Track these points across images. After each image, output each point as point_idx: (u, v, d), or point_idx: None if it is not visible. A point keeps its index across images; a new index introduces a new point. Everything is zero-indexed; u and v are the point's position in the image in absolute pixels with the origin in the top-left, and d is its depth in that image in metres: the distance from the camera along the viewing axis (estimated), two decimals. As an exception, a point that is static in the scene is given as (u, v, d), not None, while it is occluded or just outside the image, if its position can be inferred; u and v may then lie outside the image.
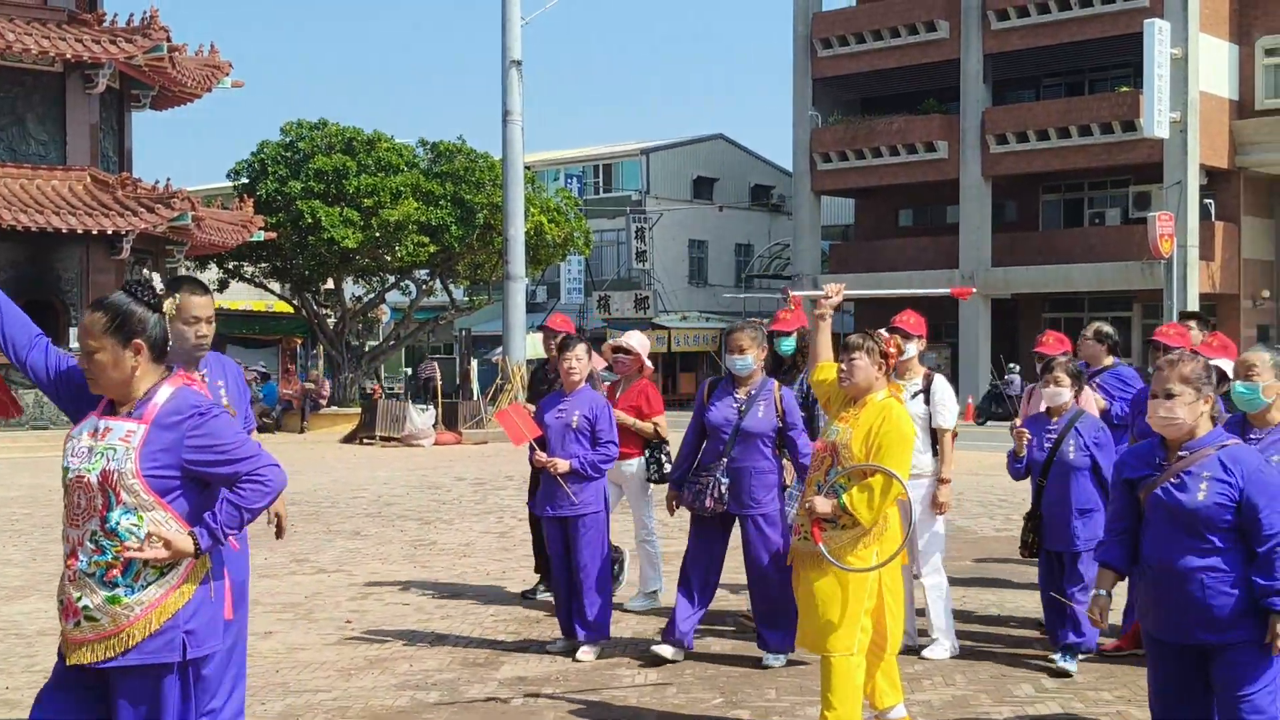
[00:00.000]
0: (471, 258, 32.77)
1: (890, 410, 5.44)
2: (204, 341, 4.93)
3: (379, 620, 8.27)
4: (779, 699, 6.34)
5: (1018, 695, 6.38)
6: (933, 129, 36.60)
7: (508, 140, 15.99)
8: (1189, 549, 4.21)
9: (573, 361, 7.28)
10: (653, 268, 44.80)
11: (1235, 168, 34.28)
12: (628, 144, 50.19)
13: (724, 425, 6.87)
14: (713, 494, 6.82)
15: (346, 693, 6.53)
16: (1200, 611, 4.19)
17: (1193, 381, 4.28)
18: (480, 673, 6.88)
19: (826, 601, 5.32)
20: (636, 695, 6.43)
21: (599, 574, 7.20)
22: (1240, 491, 4.15)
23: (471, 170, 31.40)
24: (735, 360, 6.91)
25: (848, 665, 5.30)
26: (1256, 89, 34.26)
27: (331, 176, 30.52)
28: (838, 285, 6.02)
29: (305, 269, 31.78)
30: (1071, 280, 34.73)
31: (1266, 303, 35.40)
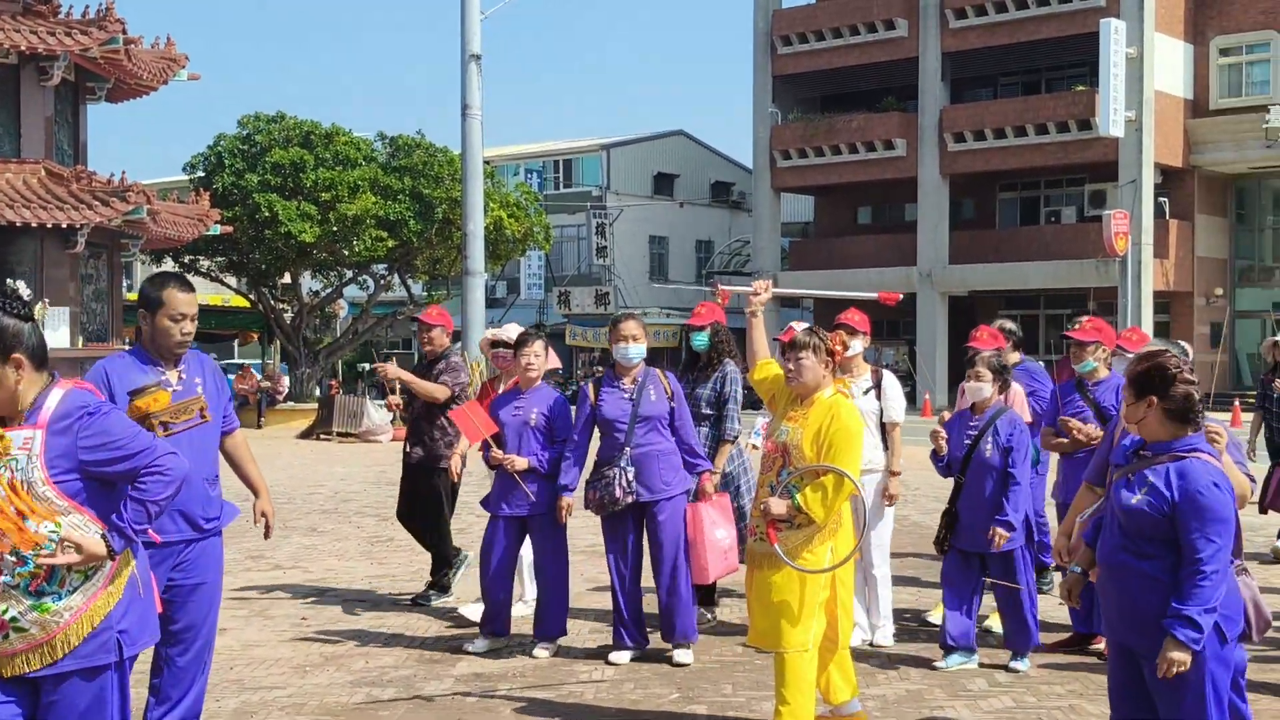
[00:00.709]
0: (430, 253, 32.63)
1: (839, 408, 5.46)
2: (187, 339, 4.93)
3: (335, 617, 8.24)
4: (735, 694, 6.37)
5: (971, 690, 6.44)
6: (891, 127, 36.80)
7: (467, 135, 15.92)
8: (1125, 549, 4.17)
9: (530, 358, 7.22)
10: (613, 264, 44.81)
11: (1189, 166, 34.67)
12: (588, 139, 50.14)
13: (620, 416, 6.83)
14: (621, 484, 6.75)
15: (302, 689, 6.50)
16: (1129, 612, 4.16)
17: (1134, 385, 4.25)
18: (437, 669, 6.88)
19: (782, 599, 5.35)
20: (594, 691, 6.44)
21: (561, 572, 7.19)
22: (1172, 506, 4.04)
23: (430, 165, 31.25)
24: (625, 349, 6.86)
25: (802, 661, 5.33)
26: (1211, 88, 34.65)
27: (289, 170, 30.30)
28: (765, 281, 6.02)
29: (262, 263, 31.54)
30: (1027, 278, 35.01)
31: (1219, 300, 35.82)
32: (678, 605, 6.88)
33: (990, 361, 6.89)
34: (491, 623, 7.26)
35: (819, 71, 38.59)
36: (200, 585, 4.99)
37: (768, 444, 5.59)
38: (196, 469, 4.88)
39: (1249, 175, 35.74)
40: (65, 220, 23.77)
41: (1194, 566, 3.99)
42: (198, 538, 4.97)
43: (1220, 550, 4.02)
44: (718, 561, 6.91)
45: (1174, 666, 3.99)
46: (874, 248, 38.32)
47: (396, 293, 36.80)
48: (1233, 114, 33.93)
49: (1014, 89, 38.16)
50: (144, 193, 24.75)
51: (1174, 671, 3.99)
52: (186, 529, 4.92)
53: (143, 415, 4.62)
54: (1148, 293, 32.36)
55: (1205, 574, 3.98)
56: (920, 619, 7.91)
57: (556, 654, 7.14)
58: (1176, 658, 3.98)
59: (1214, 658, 4.05)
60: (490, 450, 7.17)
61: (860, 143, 37.20)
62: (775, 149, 38.80)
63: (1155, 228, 33.09)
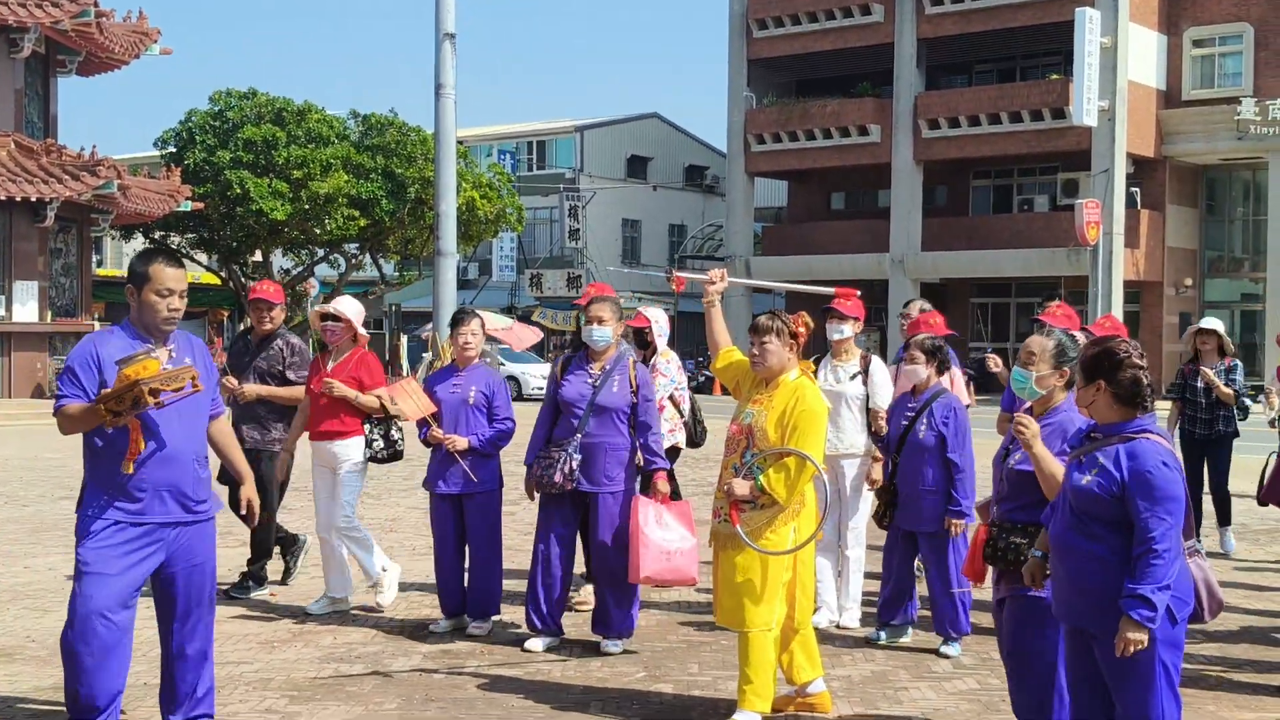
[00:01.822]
0: (402, 232, 32.56)
1: (803, 390, 5.50)
2: (175, 315, 4.87)
3: (303, 593, 8.23)
4: (701, 673, 6.42)
5: (936, 671, 6.51)
6: (866, 112, 36.87)
7: (440, 114, 15.86)
8: (1076, 529, 4.21)
9: (468, 336, 7.19)
10: (586, 246, 44.78)
11: (1161, 157, 34.88)
12: (562, 121, 50.03)
13: (578, 401, 6.73)
14: (563, 469, 6.63)
15: (269, 664, 6.52)
16: (1078, 593, 4.22)
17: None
18: (404, 646, 6.90)
19: (745, 579, 5.40)
20: (560, 669, 6.48)
21: (493, 552, 7.18)
22: (1122, 486, 4.10)
23: (403, 144, 31.18)
24: (593, 331, 6.76)
25: (765, 640, 5.40)
26: (1184, 79, 34.85)
27: (261, 147, 30.16)
28: (720, 270, 5.98)
29: (233, 241, 31.42)
30: (999, 266, 35.18)
31: (1189, 291, 36.10)
32: (611, 598, 6.75)
33: (924, 344, 6.95)
34: (446, 602, 7.27)
35: (794, 56, 38.61)
36: (197, 567, 4.94)
37: (732, 426, 5.61)
38: (186, 445, 4.86)
39: (1220, 166, 36.01)
40: (35, 194, 23.59)
41: (1146, 546, 4.04)
42: (189, 521, 4.87)
43: (1171, 529, 4.06)
44: (655, 561, 6.49)
45: (1130, 646, 4.03)
46: (847, 233, 38.43)
47: (368, 272, 36.73)
48: (1205, 105, 34.15)
49: (989, 76, 38.29)
50: (115, 167, 24.59)
51: (1131, 650, 4.03)
52: (177, 510, 4.83)
53: (131, 384, 4.52)
54: (1118, 282, 32.57)
55: (1157, 552, 4.02)
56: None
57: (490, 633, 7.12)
58: (1133, 637, 4.03)
59: (1164, 639, 4.10)
60: (429, 429, 7.11)
61: (835, 128, 37.27)
62: (750, 133, 38.82)
63: (1126, 217, 33.31)
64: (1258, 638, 7.32)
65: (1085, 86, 30.88)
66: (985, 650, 6.86)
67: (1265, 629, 7.53)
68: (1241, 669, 6.64)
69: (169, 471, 4.79)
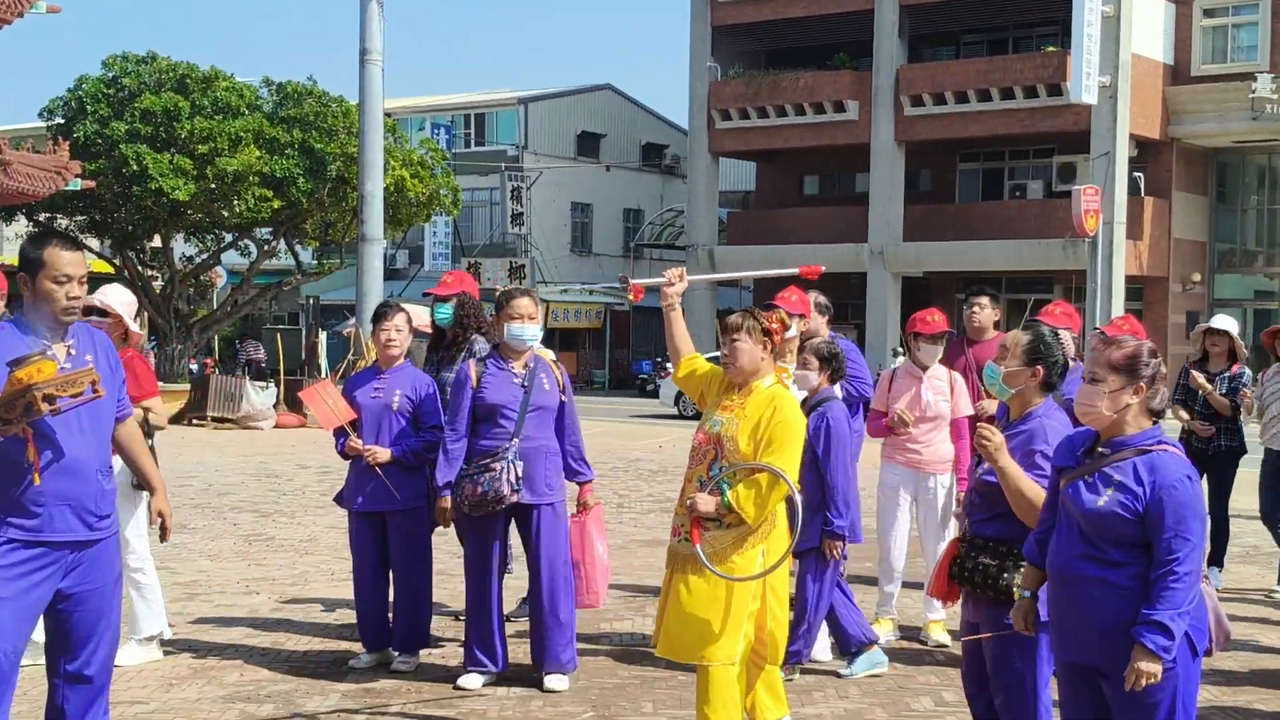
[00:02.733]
0: (321, 215, 32.35)
1: (781, 400, 5.49)
2: (75, 304, 4.83)
3: (206, 624, 8.18)
4: (655, 713, 6.43)
5: (915, 709, 6.55)
6: (842, 87, 37.03)
7: (365, 83, 15.81)
8: (1085, 556, 4.20)
9: (392, 333, 7.13)
10: (530, 233, 44.70)
11: (1168, 138, 35.22)
12: (503, 92, 49.91)
13: (509, 403, 6.67)
14: (509, 479, 6.55)
15: (167, 704, 6.46)
16: (1090, 628, 4.19)
17: (1121, 368, 4.25)
18: (320, 684, 6.86)
19: (706, 606, 5.37)
20: (497, 709, 6.46)
21: (421, 577, 7.15)
22: (1146, 506, 4.10)
23: (323, 116, 30.97)
24: (520, 329, 6.73)
25: (727, 675, 5.37)
26: (1193, 52, 35.20)
27: (161, 118, 29.88)
28: (679, 270, 5.97)
29: (129, 224, 31.10)
30: (988, 258, 35.39)
31: (1196, 287, 36.43)
32: (556, 628, 6.73)
33: (819, 349, 7.07)
34: (367, 634, 7.23)
35: (763, 23, 38.73)
36: (98, 590, 4.89)
37: (699, 435, 5.60)
38: (89, 454, 4.81)
39: (1232, 150, 36.43)
40: (-100, 169, 23.28)
41: (1168, 568, 4.03)
42: (92, 539, 4.83)
43: (1195, 550, 4.07)
44: (605, 580, 6.83)
45: (1144, 678, 4.02)
46: (821, 221, 38.59)
47: (282, 260, 36.45)
48: (1216, 81, 34.51)
49: (978, 48, 38.54)
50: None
51: (1144, 684, 4.03)
52: (79, 528, 4.78)
53: (24, 389, 4.47)
54: (1119, 277, 32.86)
55: (1179, 575, 4.03)
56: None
57: (417, 669, 7.11)
58: (1146, 669, 4.02)
59: (1184, 675, 4.13)
60: (346, 438, 7.04)
61: (808, 104, 37.41)
62: (714, 108, 38.91)
63: (1129, 206, 33.62)
64: (1268, 679, 7.40)
65: (1084, 60, 31.13)
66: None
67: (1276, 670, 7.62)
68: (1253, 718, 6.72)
69: (69, 484, 4.74)
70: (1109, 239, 32.46)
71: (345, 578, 9.55)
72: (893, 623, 8.01)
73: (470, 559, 6.93)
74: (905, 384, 7.93)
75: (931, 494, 7.90)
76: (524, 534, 6.84)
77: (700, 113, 39.37)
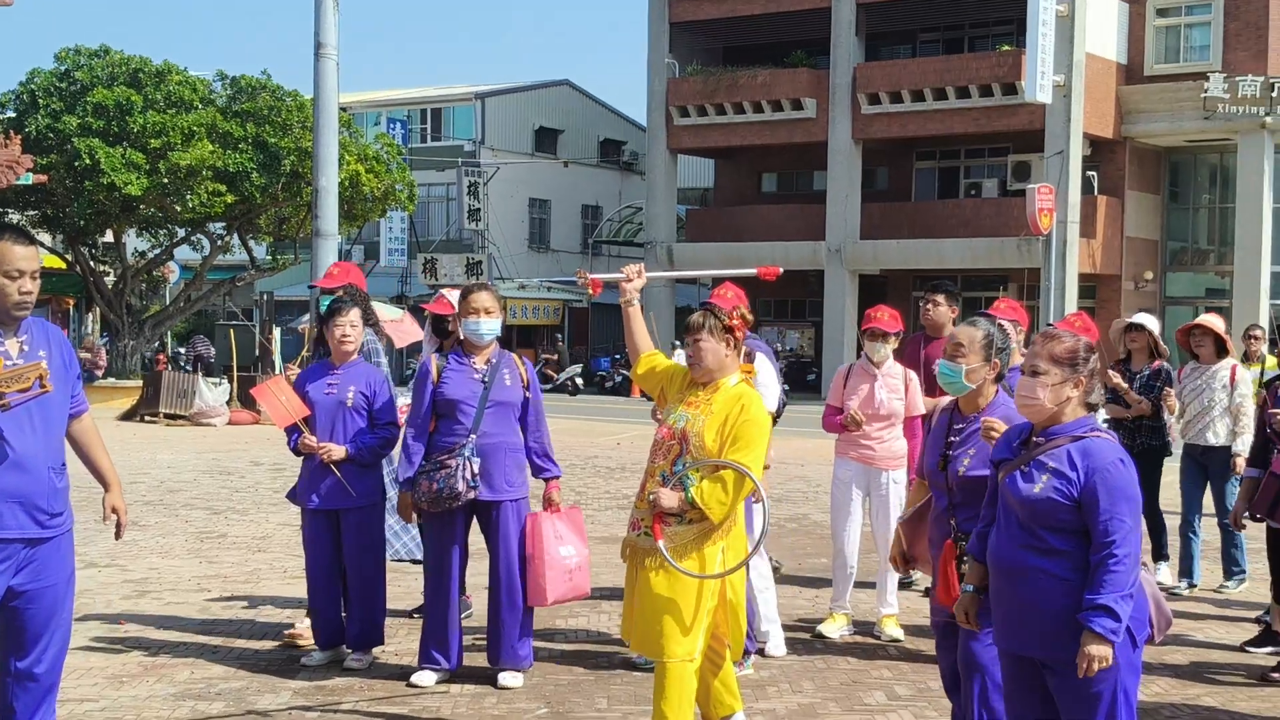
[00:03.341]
0: (275, 210, 32.18)
1: (749, 399, 5.50)
2: (27, 299, 4.80)
3: (157, 621, 8.14)
4: (610, 708, 6.43)
5: (869, 704, 6.58)
6: (800, 84, 37.14)
7: (320, 77, 15.67)
8: (1025, 546, 4.24)
9: (346, 329, 7.10)
10: (487, 229, 44.58)
11: (1121, 138, 35.51)
12: (460, 87, 49.73)
13: (468, 399, 6.67)
14: (464, 476, 6.55)
15: (117, 702, 6.43)
16: (1032, 619, 4.23)
17: (1063, 362, 4.32)
18: (272, 681, 6.83)
19: (668, 602, 5.37)
20: (451, 706, 6.45)
21: (374, 575, 7.13)
22: (1081, 490, 4.16)
23: (277, 110, 30.79)
24: (477, 324, 6.73)
25: (685, 672, 5.38)
26: (1146, 52, 35.49)
27: (113, 112, 29.63)
28: (637, 266, 5.99)
29: (81, 218, 30.80)
30: (944, 256, 35.60)
31: (1149, 285, 36.76)
32: (512, 625, 6.74)
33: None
34: (320, 631, 7.21)
35: (722, 19, 38.78)
36: (50, 588, 4.86)
37: (662, 430, 5.58)
38: (40, 451, 4.77)
39: (1184, 149, 36.76)
40: None
41: (1107, 551, 4.09)
42: (44, 537, 4.81)
43: (1132, 531, 4.13)
44: (559, 582, 6.68)
45: (1095, 663, 4.06)
46: (779, 219, 38.68)
47: (236, 255, 36.24)
48: (1169, 81, 34.79)
49: (934, 47, 38.75)
50: (-59, 133, 24.04)
51: (1095, 668, 4.06)
52: (29, 525, 4.76)
53: None
54: (1073, 275, 33.10)
55: (1119, 558, 4.08)
56: (814, 630, 8.05)
57: (370, 667, 7.09)
58: (1096, 652, 4.06)
59: (1125, 664, 4.17)
60: (299, 435, 7.02)
61: (766, 101, 37.50)
62: (672, 105, 38.94)
63: (1082, 204, 33.86)
64: (1215, 672, 7.48)
65: (1039, 59, 31.35)
66: (922, 681, 6.95)
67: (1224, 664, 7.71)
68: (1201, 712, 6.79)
69: (20, 481, 4.72)
70: (1063, 237, 32.71)
71: (298, 575, 9.52)
72: (847, 617, 8.06)
73: (428, 555, 6.91)
74: (859, 381, 7.97)
75: (884, 490, 7.95)
76: (484, 530, 6.84)
77: (658, 109, 39.38)
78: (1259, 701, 6.78)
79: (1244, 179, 34.21)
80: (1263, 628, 7.89)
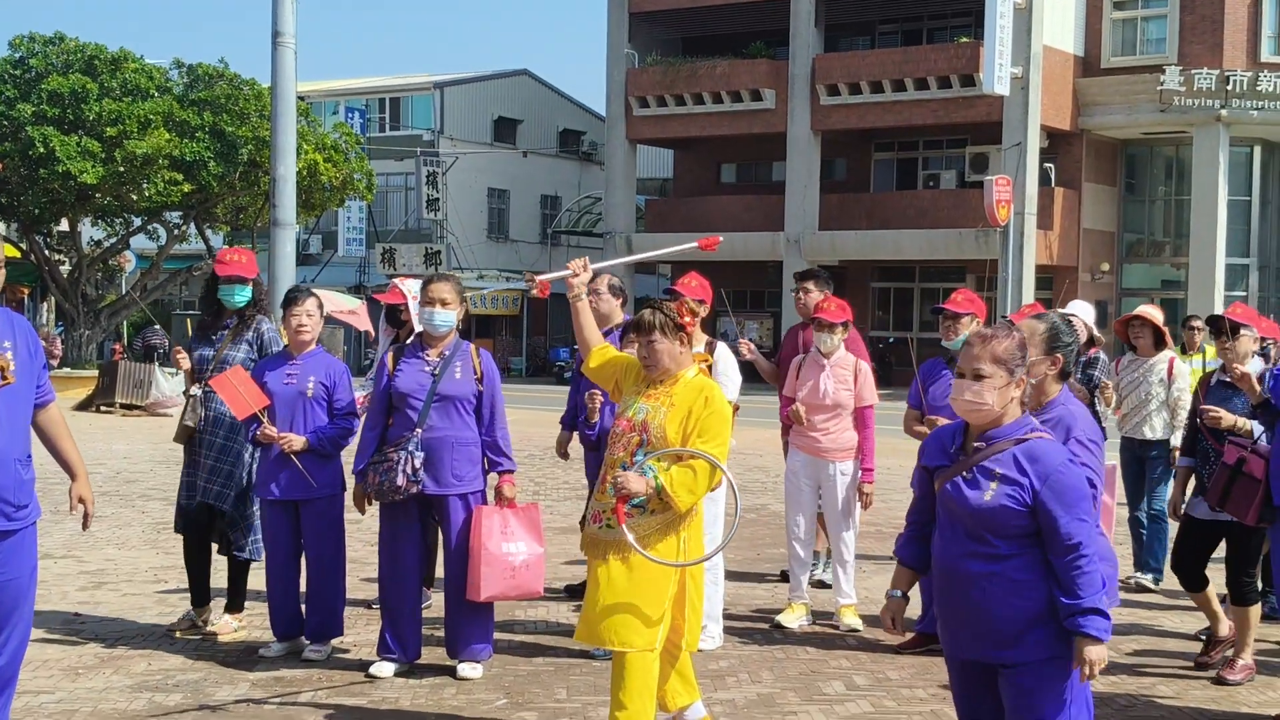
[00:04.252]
0: (233, 199, 32.01)
1: (710, 391, 5.51)
2: None
3: (114, 613, 8.10)
4: (569, 699, 6.44)
5: (827, 693, 6.62)
6: (759, 75, 37.18)
7: (278, 65, 15.58)
8: (973, 553, 4.15)
9: (303, 318, 7.07)
10: (446, 218, 44.42)
11: (1078, 130, 35.76)
12: (419, 76, 49.52)
13: (416, 391, 6.65)
14: (405, 470, 6.52)
15: (73, 694, 6.39)
16: (983, 624, 4.15)
17: (1006, 362, 4.18)
18: (230, 673, 6.80)
19: (627, 593, 5.38)
20: (410, 697, 6.45)
21: (334, 566, 7.12)
22: (1034, 494, 4.06)
23: (234, 99, 30.61)
24: (434, 314, 6.68)
25: (645, 662, 5.39)
26: (1103, 45, 35.75)
27: (68, 100, 29.38)
28: (582, 260, 5.98)
29: (35, 207, 30.53)
30: (902, 247, 35.78)
31: (1106, 276, 37.05)
32: (466, 618, 6.73)
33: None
34: (278, 622, 7.18)
35: (681, 10, 38.77)
36: (12, 581, 4.82)
37: (620, 421, 5.57)
38: (6, 445, 4.73)
39: (1140, 141, 37.04)
40: None
41: (1075, 553, 4.04)
42: (10, 529, 4.77)
43: (1092, 530, 4.09)
44: (497, 578, 6.56)
45: (1096, 666, 4.05)
46: (738, 209, 38.75)
47: (193, 244, 36.04)
48: (1126, 74, 35.04)
49: (893, 39, 38.90)
50: (-108, 120, 23.80)
51: (1098, 671, 4.06)
52: None
53: None
54: (1030, 267, 33.32)
55: (1088, 556, 4.05)
56: (773, 621, 8.08)
57: (329, 658, 7.08)
58: (1096, 655, 4.05)
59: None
60: (259, 425, 6.97)
61: (725, 92, 37.54)
62: (631, 95, 38.92)
63: (1040, 196, 34.08)
64: (1167, 660, 7.55)
65: (997, 51, 31.51)
66: (880, 670, 7.01)
67: (1176, 653, 7.79)
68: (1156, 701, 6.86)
69: None
70: (1020, 229, 32.90)
71: (257, 566, 9.50)
72: (805, 607, 8.09)
73: (382, 548, 6.89)
74: (810, 372, 7.99)
75: (833, 481, 7.96)
76: (439, 524, 6.83)
77: (618, 100, 39.35)
78: (1213, 690, 6.86)
79: (1199, 171, 34.52)
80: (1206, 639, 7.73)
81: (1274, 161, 36.54)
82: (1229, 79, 33.23)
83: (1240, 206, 35.51)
